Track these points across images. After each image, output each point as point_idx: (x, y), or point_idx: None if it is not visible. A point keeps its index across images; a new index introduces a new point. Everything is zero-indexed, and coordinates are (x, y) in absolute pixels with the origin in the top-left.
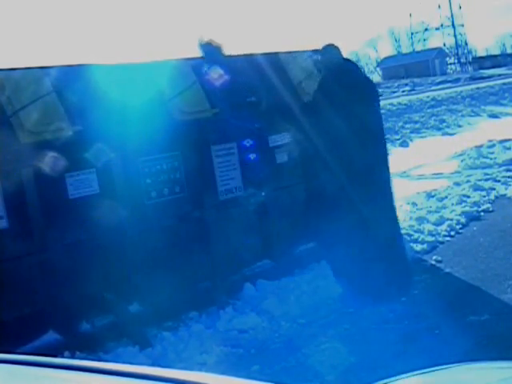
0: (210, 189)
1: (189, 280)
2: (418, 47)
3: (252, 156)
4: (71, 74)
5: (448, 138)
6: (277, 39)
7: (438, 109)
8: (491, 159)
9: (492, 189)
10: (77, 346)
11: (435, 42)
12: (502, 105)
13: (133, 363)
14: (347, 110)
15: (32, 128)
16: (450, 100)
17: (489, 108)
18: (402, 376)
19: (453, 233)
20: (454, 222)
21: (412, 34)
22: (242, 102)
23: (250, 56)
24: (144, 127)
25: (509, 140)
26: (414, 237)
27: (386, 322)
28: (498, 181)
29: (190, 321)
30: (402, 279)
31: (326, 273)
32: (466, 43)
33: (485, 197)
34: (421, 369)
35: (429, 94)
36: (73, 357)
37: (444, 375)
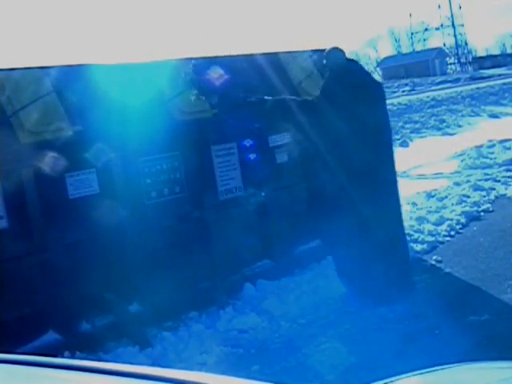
0: (210, 189)
1: (189, 280)
2: (418, 47)
3: (252, 156)
4: (71, 74)
5: (448, 137)
6: (277, 39)
7: (438, 109)
8: (491, 159)
9: (492, 189)
10: (77, 345)
11: (435, 41)
12: (502, 105)
13: (133, 363)
14: (352, 110)
15: (32, 128)
16: (449, 100)
17: (489, 108)
18: (401, 376)
19: (453, 233)
20: (454, 222)
21: (412, 33)
22: (242, 102)
23: (250, 56)
24: (144, 127)
25: (509, 140)
26: (414, 237)
27: (386, 322)
28: (498, 181)
29: (189, 321)
30: (403, 280)
31: (326, 273)
32: (466, 43)
33: (485, 197)
34: (421, 369)
35: (429, 93)
36: (73, 357)
37: (444, 375)
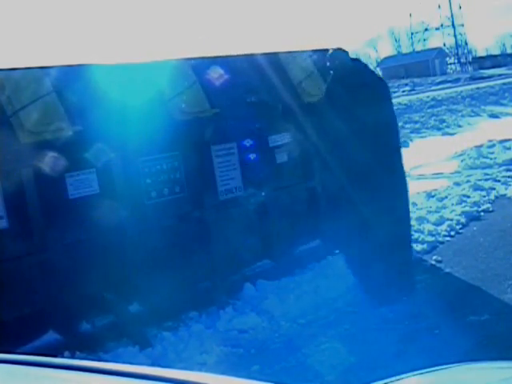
0: (210, 189)
1: (189, 280)
2: (418, 47)
3: (252, 156)
4: (71, 74)
5: (448, 137)
6: (277, 39)
7: (438, 109)
8: (491, 159)
9: (492, 189)
10: (77, 345)
11: (435, 41)
12: (502, 105)
13: (133, 363)
14: (357, 110)
15: (32, 128)
16: (450, 100)
17: (489, 108)
18: (402, 376)
19: (453, 233)
20: (454, 222)
21: (412, 33)
22: (242, 102)
23: (250, 56)
24: (144, 127)
25: (509, 140)
26: (414, 237)
27: (386, 321)
28: (498, 181)
29: (190, 321)
30: (404, 280)
31: (326, 273)
32: (466, 43)
33: (485, 197)
34: (421, 369)
35: (429, 94)
36: (73, 357)
37: (444, 375)
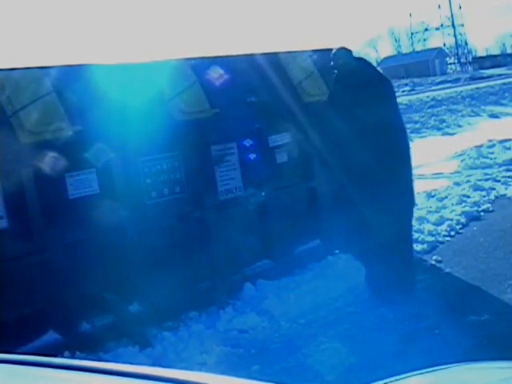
0: (210, 189)
1: (189, 280)
2: (418, 47)
3: (252, 156)
4: (71, 74)
5: (448, 137)
6: (277, 39)
7: (438, 109)
8: (491, 159)
9: (492, 189)
10: (77, 346)
11: (435, 41)
12: (502, 105)
13: (133, 363)
14: (362, 109)
15: (32, 128)
16: (450, 100)
17: (489, 108)
18: (401, 376)
19: (453, 233)
20: (454, 222)
21: (412, 34)
22: (242, 102)
23: (250, 56)
24: (144, 127)
25: (509, 140)
26: (414, 237)
27: (386, 321)
28: (498, 181)
29: (190, 321)
30: (404, 280)
31: (326, 272)
32: (466, 43)
33: (485, 197)
34: (421, 369)
35: (429, 94)
36: (73, 357)
37: (444, 375)
